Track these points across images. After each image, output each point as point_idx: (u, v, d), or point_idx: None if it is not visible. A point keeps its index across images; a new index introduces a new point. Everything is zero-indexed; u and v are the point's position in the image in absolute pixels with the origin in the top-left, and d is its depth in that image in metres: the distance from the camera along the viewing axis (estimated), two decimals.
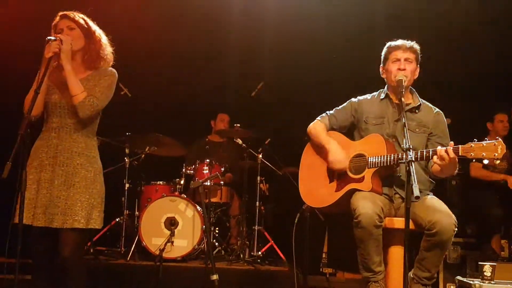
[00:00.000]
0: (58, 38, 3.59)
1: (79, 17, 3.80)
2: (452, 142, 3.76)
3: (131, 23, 6.57)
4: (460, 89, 7.19)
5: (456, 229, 3.79)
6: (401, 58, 4.20)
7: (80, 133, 3.71)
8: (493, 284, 4.19)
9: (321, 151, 4.43)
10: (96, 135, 3.88)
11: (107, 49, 3.88)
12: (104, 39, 3.88)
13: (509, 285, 4.22)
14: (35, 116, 3.66)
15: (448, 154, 3.67)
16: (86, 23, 3.80)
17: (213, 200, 6.59)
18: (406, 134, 3.57)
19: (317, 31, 7.37)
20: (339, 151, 4.24)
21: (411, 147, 3.48)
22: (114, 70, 3.86)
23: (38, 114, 3.70)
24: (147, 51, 7.28)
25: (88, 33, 3.78)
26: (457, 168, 3.91)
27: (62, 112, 3.69)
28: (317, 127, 4.45)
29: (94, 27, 3.84)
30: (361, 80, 5.76)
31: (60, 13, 3.78)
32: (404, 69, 4.16)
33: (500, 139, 3.55)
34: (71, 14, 3.78)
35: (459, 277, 4.57)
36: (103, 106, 3.75)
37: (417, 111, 4.26)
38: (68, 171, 3.64)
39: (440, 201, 4.02)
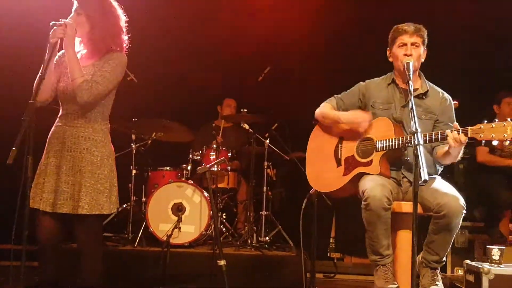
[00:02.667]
0: (62, 23, 3.57)
1: (92, 1, 3.72)
2: (456, 123, 3.74)
3: (137, 8, 6.54)
4: (468, 71, 7.14)
5: (465, 211, 3.78)
6: (408, 43, 4.14)
7: (86, 118, 3.68)
8: (502, 267, 4.17)
9: (329, 133, 4.41)
10: (107, 119, 3.82)
11: (117, 37, 3.78)
12: (116, 26, 3.78)
13: None
14: (43, 101, 3.66)
15: (460, 137, 3.65)
16: (96, 9, 3.70)
17: (220, 185, 6.59)
18: (414, 117, 3.53)
19: (323, 15, 7.34)
20: (353, 112, 4.25)
21: (419, 130, 3.44)
22: (121, 54, 3.76)
23: (46, 100, 3.70)
24: (153, 36, 7.25)
25: (93, 20, 3.69)
26: (462, 154, 3.91)
27: (68, 98, 3.68)
28: (325, 108, 4.43)
29: (107, 12, 3.74)
30: (368, 64, 5.71)
31: None
32: (410, 54, 4.11)
33: (510, 120, 3.52)
34: None
35: (467, 261, 4.55)
36: (105, 91, 3.66)
37: (424, 97, 4.22)
38: (75, 156, 3.63)
39: (448, 183, 4.01)
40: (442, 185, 3.95)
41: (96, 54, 3.74)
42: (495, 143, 3.56)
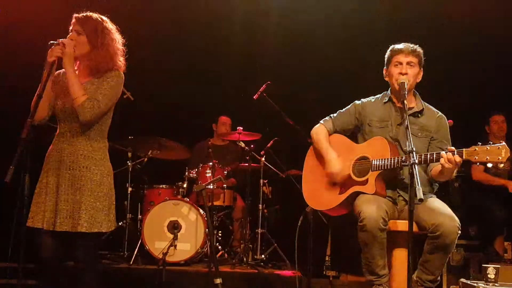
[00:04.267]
0: (60, 42, 3.59)
1: (92, 21, 3.73)
2: (453, 148, 3.74)
3: (132, 26, 6.58)
4: (462, 90, 7.20)
5: (460, 231, 3.79)
6: (404, 62, 4.17)
7: (86, 136, 3.69)
8: (497, 286, 4.17)
9: (322, 157, 4.43)
10: (106, 137, 3.83)
11: (116, 58, 3.79)
12: (115, 47, 3.79)
13: None
14: (40, 120, 3.66)
15: (455, 159, 3.66)
16: (97, 29, 3.72)
17: (216, 203, 6.58)
18: (409, 137, 3.56)
19: (319, 32, 7.39)
20: (336, 163, 4.25)
21: (414, 149, 3.46)
22: (119, 72, 3.78)
23: (44, 119, 3.70)
24: (149, 54, 7.28)
25: (94, 41, 3.71)
26: (456, 172, 3.92)
27: (68, 116, 3.69)
28: (320, 133, 4.45)
29: (107, 34, 3.76)
30: (364, 82, 5.75)
31: (74, 15, 3.74)
32: (406, 73, 4.14)
33: (504, 143, 3.54)
34: (83, 18, 3.73)
35: (462, 280, 4.55)
36: (106, 109, 3.69)
37: (419, 115, 4.25)
38: (74, 174, 3.63)
39: (443, 203, 4.02)
40: (437, 205, 3.96)
41: (95, 73, 3.75)
42: (489, 165, 3.58)
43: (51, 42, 3.59)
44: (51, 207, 3.59)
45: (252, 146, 6.61)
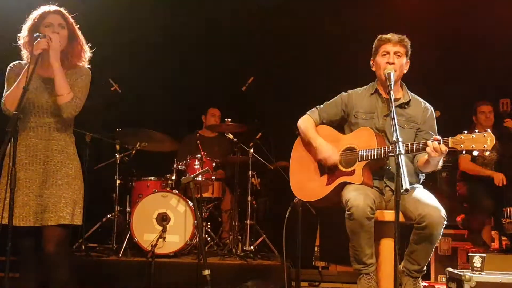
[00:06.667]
0: (47, 35, 3.59)
1: (69, 15, 3.81)
2: (438, 137, 3.76)
3: (121, 18, 6.58)
4: (449, 81, 7.23)
5: (446, 222, 3.81)
6: (391, 52, 4.18)
7: (58, 131, 3.73)
8: (483, 275, 4.21)
9: (310, 146, 4.43)
10: (72, 131, 3.90)
11: (87, 54, 3.90)
12: (85, 44, 3.90)
13: (499, 276, 4.24)
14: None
15: (440, 148, 3.68)
16: (73, 23, 3.82)
17: (205, 195, 6.59)
18: (395, 127, 3.57)
19: (307, 24, 7.39)
20: (327, 147, 4.25)
21: (400, 139, 3.47)
22: (87, 69, 3.88)
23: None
24: (137, 46, 7.26)
25: (73, 35, 3.81)
26: (442, 163, 3.94)
27: (39, 111, 3.69)
28: (306, 123, 4.46)
29: (77, 28, 3.86)
30: (352, 73, 5.75)
31: (54, 8, 3.77)
32: (393, 63, 4.15)
33: (489, 131, 3.56)
34: (65, 13, 3.79)
35: (449, 269, 4.58)
36: (82, 105, 3.77)
37: (406, 106, 4.26)
38: (49, 169, 3.66)
39: (430, 193, 4.03)
40: (423, 195, 3.97)
41: (68, 67, 3.80)
42: (475, 153, 3.60)
43: (37, 34, 3.59)
44: (22, 203, 3.58)
45: (240, 138, 6.62)
